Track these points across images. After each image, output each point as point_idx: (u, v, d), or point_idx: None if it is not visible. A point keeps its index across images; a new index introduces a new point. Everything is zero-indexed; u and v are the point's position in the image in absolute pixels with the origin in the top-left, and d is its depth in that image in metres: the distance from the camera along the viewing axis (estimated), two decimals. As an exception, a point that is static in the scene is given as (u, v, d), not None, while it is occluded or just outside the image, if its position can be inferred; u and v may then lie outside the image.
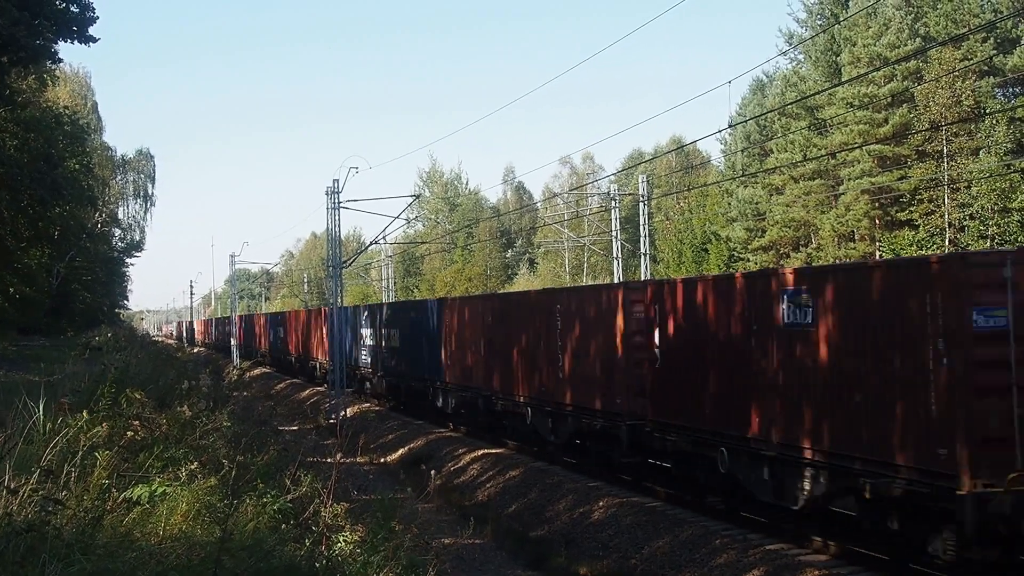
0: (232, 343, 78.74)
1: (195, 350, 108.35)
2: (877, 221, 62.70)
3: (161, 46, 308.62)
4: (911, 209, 60.06)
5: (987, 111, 55.51)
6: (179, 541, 7.76)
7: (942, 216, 57.11)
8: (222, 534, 7.17)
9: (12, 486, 7.14)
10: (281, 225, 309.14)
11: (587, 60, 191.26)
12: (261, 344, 75.16)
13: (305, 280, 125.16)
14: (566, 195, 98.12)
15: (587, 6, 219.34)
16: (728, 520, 18.27)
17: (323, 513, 10.35)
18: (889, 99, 60.50)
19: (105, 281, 79.52)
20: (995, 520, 12.69)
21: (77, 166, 54.13)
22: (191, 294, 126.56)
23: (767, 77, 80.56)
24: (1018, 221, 52.67)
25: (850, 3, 66.45)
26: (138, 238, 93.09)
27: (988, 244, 51.96)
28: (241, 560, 7.24)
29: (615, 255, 48.57)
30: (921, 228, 58.37)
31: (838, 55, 66.31)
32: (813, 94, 60.92)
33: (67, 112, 56.62)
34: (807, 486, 15.81)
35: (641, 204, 47.65)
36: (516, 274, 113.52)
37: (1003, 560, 13.60)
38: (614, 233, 48.79)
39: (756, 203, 73.52)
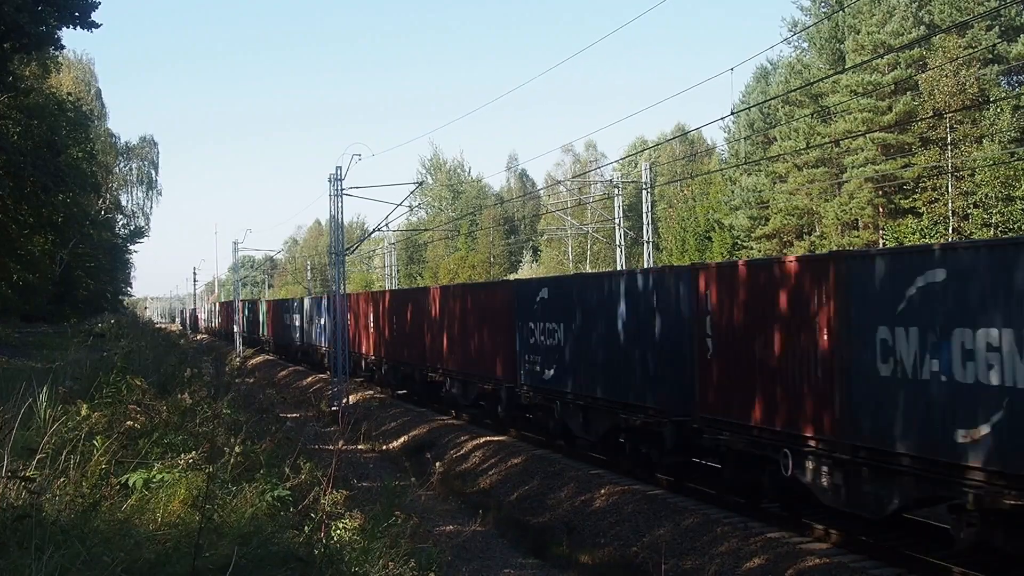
0: (235, 330, 78.77)
1: (198, 337, 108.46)
2: (881, 209, 62.67)
3: (165, 36, 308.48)
4: (915, 197, 60.07)
5: (991, 99, 55.44)
6: (176, 528, 7.77)
7: (946, 204, 57.06)
8: (201, 520, 7.15)
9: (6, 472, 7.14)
10: (284, 212, 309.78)
11: (589, 47, 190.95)
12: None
13: (308, 267, 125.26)
14: (569, 183, 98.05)
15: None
16: (730, 509, 18.28)
17: (323, 500, 10.34)
18: (893, 87, 60.43)
19: (108, 268, 79.35)
20: None
21: (80, 153, 54.08)
22: (194, 281, 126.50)
23: (771, 64, 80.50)
24: (1022, 209, 52.63)
25: (854, -10, 66.34)
26: (142, 225, 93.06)
27: (992, 232, 51.90)
28: (235, 546, 7.22)
29: (618, 243, 48.55)
30: (925, 216, 58.33)
31: (842, 42, 66.25)
32: (817, 81, 60.86)
33: (70, 99, 56.57)
34: None
35: (644, 192, 47.58)
36: (520, 262, 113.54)
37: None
38: (617, 221, 48.76)
39: (759, 191, 73.47)
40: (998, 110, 54.40)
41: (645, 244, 46.23)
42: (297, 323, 59.29)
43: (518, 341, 27.20)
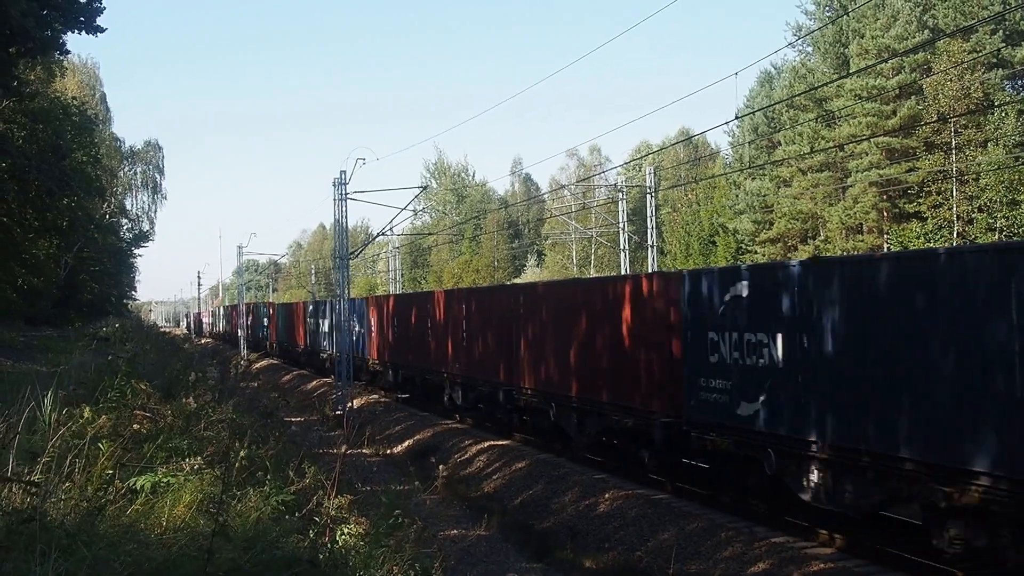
0: (240, 334, 78.80)
1: (202, 341, 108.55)
2: (885, 213, 62.63)
3: (170, 41, 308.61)
4: (919, 201, 60.01)
5: (996, 103, 55.41)
6: (182, 532, 7.77)
7: (950, 208, 57.03)
8: (215, 526, 7.16)
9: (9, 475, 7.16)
10: (289, 216, 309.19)
11: (594, 51, 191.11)
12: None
13: (313, 271, 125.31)
14: (573, 187, 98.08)
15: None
16: (734, 513, 18.23)
17: (327, 505, 10.35)
18: (897, 91, 60.42)
19: (113, 272, 79.53)
20: None
21: (85, 157, 54.20)
22: (198, 285, 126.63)
23: (775, 69, 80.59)
24: (1027, 214, 52.60)
25: (859, -6, 66.40)
26: (146, 229, 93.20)
27: (996, 237, 51.84)
28: (239, 551, 7.23)
29: (622, 247, 48.55)
30: (929, 220, 58.29)
31: (846, 47, 66.26)
32: (821, 85, 60.82)
33: (75, 103, 56.66)
34: None
35: (648, 196, 47.60)
36: (524, 266, 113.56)
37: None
38: (621, 225, 48.78)
39: (764, 195, 73.48)
40: (1003, 114, 54.39)
41: (649, 248, 46.24)
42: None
43: (687, 358, 19.22)
